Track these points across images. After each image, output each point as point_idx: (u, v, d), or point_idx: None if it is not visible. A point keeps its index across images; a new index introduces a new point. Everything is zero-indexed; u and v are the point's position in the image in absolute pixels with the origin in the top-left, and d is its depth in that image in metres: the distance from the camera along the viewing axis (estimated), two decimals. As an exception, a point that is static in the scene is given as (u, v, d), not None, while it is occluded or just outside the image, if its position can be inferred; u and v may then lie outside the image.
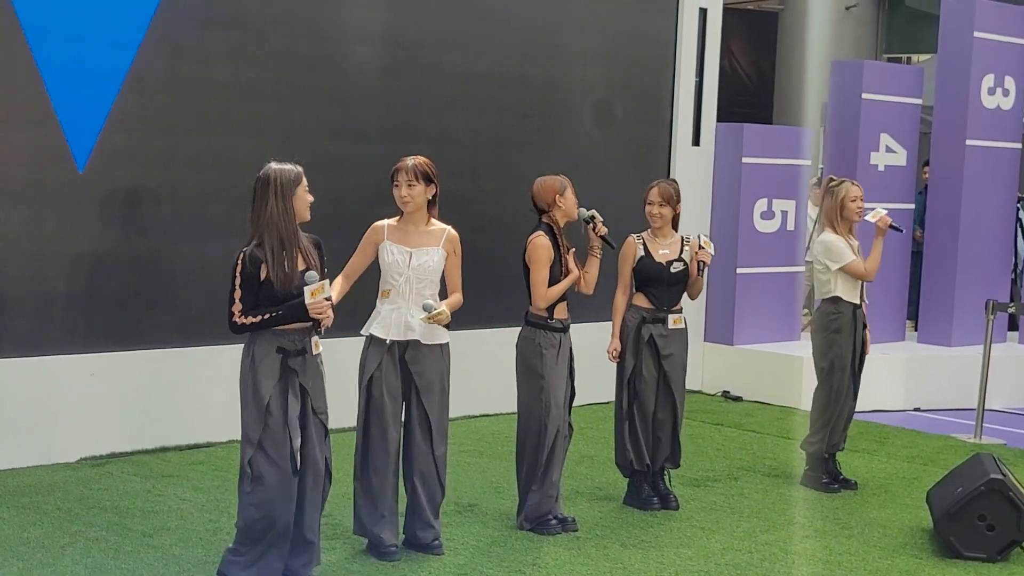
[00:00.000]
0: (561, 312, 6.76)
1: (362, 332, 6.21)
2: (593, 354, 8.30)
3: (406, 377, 6.18)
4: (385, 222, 6.25)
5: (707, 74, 11.11)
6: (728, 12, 12.11)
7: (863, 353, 7.94)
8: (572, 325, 6.90)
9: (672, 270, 7.26)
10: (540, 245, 6.68)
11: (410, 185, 6.13)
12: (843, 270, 7.79)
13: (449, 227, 6.27)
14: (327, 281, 5.49)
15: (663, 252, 7.28)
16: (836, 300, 7.86)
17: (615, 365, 7.38)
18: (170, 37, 8.06)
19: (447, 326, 6.19)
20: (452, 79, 9.46)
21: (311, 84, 8.76)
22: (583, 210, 6.83)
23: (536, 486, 6.72)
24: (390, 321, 6.14)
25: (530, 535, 6.64)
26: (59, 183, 7.68)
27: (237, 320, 5.45)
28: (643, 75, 10.71)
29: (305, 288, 5.43)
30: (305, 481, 5.57)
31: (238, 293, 5.44)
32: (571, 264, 6.80)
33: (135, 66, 7.93)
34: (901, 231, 8.31)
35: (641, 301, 7.31)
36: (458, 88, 9.51)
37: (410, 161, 6.16)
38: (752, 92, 18.32)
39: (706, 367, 11.11)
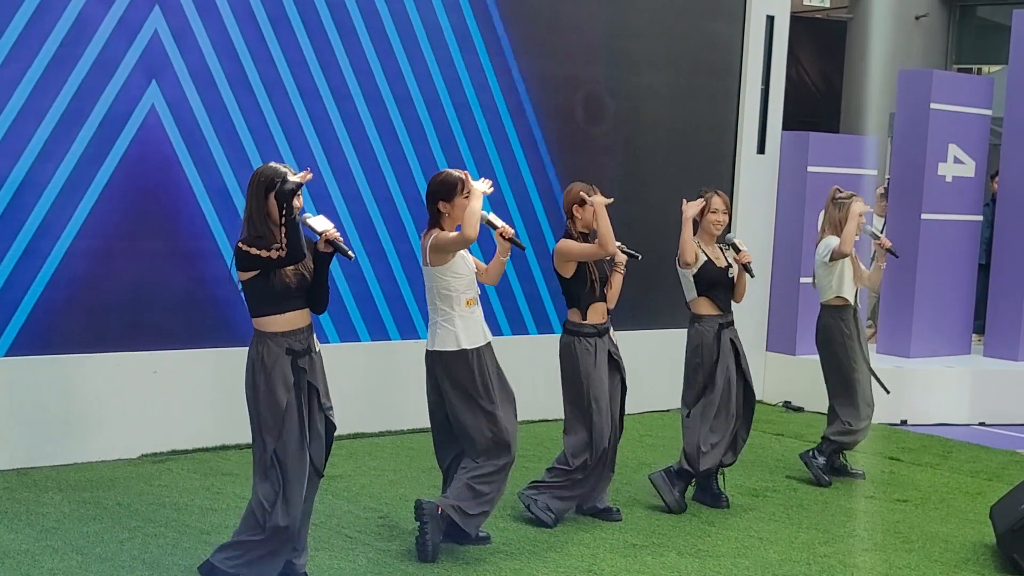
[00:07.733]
0: (596, 317, 6.88)
1: (470, 345, 6.21)
2: (653, 362, 8.28)
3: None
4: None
5: (773, 82, 11.05)
6: (796, 20, 12.03)
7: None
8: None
9: (729, 275, 7.43)
10: (563, 248, 6.82)
11: None
12: None
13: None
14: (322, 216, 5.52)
15: (717, 258, 7.44)
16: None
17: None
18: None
19: None
20: (519, 83, 9.47)
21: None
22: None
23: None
24: (482, 326, 6.30)
25: (587, 540, 6.63)
26: (122, 178, 7.77)
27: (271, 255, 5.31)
28: (709, 82, 10.65)
29: (307, 218, 5.41)
30: (311, 480, 5.54)
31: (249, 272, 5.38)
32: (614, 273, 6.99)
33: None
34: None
35: (709, 308, 7.41)
36: (525, 92, 9.51)
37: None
38: (819, 101, 18.16)
39: (768, 377, 11.02)
